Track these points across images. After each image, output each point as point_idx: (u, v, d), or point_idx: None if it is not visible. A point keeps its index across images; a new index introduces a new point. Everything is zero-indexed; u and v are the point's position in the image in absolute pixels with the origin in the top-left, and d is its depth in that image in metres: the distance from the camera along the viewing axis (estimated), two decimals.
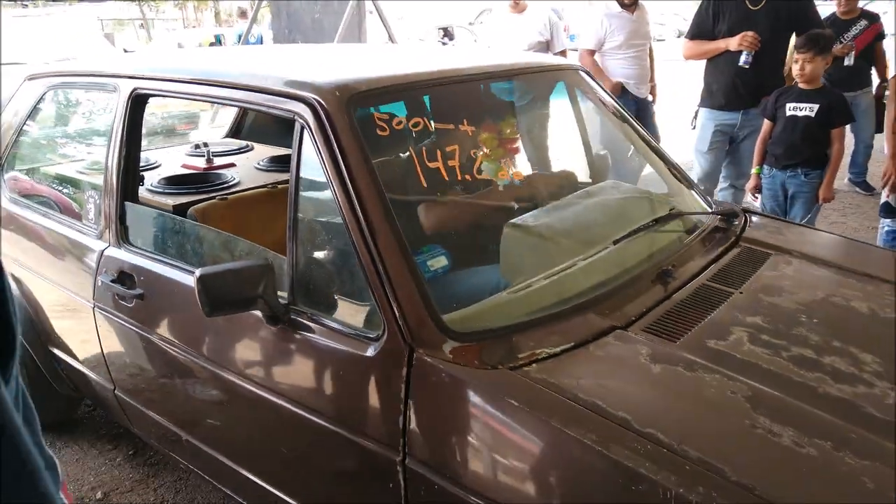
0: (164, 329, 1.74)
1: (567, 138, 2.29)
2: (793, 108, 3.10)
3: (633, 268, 1.58)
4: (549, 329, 1.32)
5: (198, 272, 1.33)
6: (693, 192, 2.06)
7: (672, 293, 1.52)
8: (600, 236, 1.67)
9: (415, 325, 1.26)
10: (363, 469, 1.35)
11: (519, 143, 1.87)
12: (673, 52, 4.23)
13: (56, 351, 2.23)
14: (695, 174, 3.58)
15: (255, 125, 3.27)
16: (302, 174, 1.46)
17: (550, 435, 1.11)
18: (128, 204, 1.87)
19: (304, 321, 1.41)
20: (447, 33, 15.21)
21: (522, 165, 2.00)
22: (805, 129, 3.05)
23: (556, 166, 2.18)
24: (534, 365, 1.22)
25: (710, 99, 3.60)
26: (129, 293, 1.78)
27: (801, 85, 3.10)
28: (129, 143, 1.88)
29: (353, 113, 1.43)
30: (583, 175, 2.27)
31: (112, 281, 1.83)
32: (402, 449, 1.25)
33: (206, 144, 2.93)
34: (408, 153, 1.49)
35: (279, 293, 1.41)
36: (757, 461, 1.05)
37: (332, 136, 1.39)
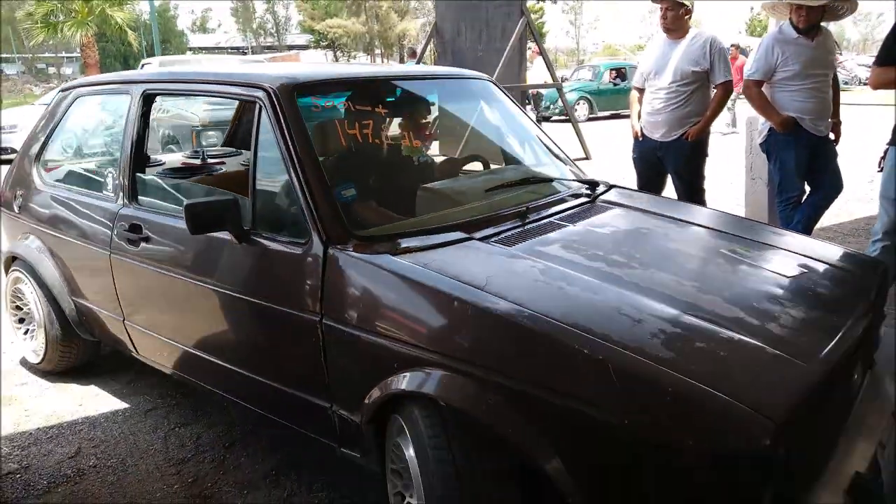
0: (162, 260, 2.36)
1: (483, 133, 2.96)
2: None
3: (501, 210, 2.20)
4: (424, 238, 1.94)
5: (185, 202, 1.96)
6: (574, 172, 2.70)
7: (525, 224, 2.14)
8: (486, 195, 2.31)
9: (330, 229, 1.88)
10: (298, 332, 1.94)
11: (431, 130, 2.52)
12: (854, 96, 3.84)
13: (79, 300, 2.85)
14: (880, 224, 3.24)
15: (245, 135, 3.95)
16: (260, 139, 2.11)
17: (404, 285, 1.72)
18: (137, 174, 2.53)
19: (261, 240, 2.04)
20: (619, 73, 16.77)
21: (436, 147, 2.66)
22: None
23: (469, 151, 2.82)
24: (406, 254, 1.84)
25: None
26: (137, 237, 2.41)
27: None
28: (140, 131, 2.55)
29: (295, 98, 2.09)
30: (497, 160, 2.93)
31: (125, 230, 2.46)
32: (319, 312, 1.86)
33: (203, 151, 3.61)
34: (334, 123, 2.15)
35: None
36: (532, 294, 1.66)
37: (280, 113, 2.04)
